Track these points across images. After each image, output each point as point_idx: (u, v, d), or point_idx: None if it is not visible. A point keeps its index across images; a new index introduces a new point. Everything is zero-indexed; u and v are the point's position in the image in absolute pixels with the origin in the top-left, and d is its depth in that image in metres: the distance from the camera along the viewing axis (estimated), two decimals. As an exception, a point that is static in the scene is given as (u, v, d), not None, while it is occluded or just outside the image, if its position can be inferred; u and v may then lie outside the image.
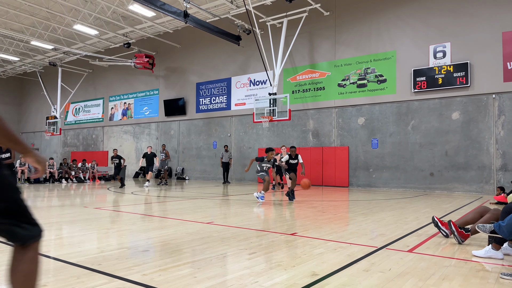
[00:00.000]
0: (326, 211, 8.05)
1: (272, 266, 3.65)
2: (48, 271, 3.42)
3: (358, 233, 5.48)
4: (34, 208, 8.14)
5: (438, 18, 14.47)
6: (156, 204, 9.45)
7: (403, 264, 3.78)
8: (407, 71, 15.00)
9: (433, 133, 14.37)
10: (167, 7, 15.03)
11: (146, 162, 15.68)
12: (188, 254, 4.13)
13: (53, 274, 3.32)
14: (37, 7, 18.45)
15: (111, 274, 3.32)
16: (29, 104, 33.40)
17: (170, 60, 23.21)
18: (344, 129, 16.52)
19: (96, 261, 3.76)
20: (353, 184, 16.11)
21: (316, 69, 17.36)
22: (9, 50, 25.46)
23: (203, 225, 6.06)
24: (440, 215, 7.48)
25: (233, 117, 20.15)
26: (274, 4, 17.22)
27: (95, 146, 27.49)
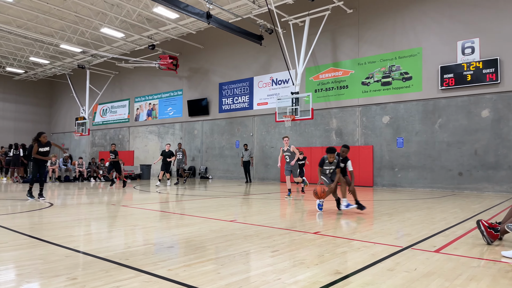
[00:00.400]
0: (350, 211, 7.96)
1: (295, 264, 3.66)
2: (77, 265, 3.55)
3: (382, 232, 5.40)
4: (64, 206, 8.45)
5: (466, 13, 14.03)
6: (180, 202, 9.61)
7: (429, 264, 3.71)
8: (433, 68, 14.63)
9: (462, 131, 13.95)
10: (190, 9, 15.23)
11: (163, 160, 15.60)
12: (212, 251, 4.20)
13: (83, 268, 3.45)
14: (65, 11, 19.08)
15: (138, 268, 3.42)
16: (59, 106, 34.61)
17: (193, 61, 23.51)
18: (368, 128, 16.27)
19: (124, 256, 3.87)
20: (378, 183, 15.85)
21: (339, 67, 17.18)
22: (39, 53, 26.45)
23: (226, 223, 6.13)
24: (469, 216, 7.27)
25: (255, 116, 20.21)
26: (296, 3, 17.15)
27: (122, 146, 28.17)
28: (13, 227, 5.51)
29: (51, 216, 6.79)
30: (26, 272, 3.31)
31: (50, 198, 10.04)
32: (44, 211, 7.47)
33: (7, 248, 4.23)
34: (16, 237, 4.83)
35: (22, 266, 3.50)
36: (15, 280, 3.14)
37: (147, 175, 21.63)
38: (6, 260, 3.75)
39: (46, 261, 3.65)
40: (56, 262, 3.61)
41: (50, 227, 5.68)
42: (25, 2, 18.55)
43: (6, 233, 5.05)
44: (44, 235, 4.94)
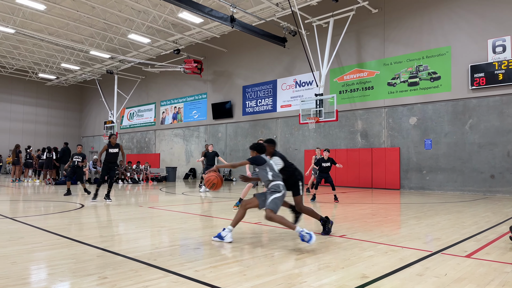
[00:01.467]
0: (376, 214, 7.83)
1: (320, 267, 3.64)
2: (108, 264, 3.67)
3: (410, 236, 5.29)
4: (94, 207, 8.72)
5: (496, 10, 13.54)
6: (206, 204, 9.72)
7: (460, 269, 3.61)
8: (463, 67, 14.19)
9: (494, 132, 13.45)
10: (214, 13, 15.42)
11: (207, 162, 13.74)
12: (237, 252, 4.23)
13: (113, 267, 3.55)
14: (95, 18, 19.72)
15: (166, 269, 3.49)
16: (89, 110, 35.76)
17: (217, 64, 23.76)
18: (394, 129, 15.95)
19: (152, 256, 3.97)
20: (405, 186, 15.49)
21: (364, 68, 16.94)
22: (70, 60, 27.43)
23: (251, 225, 6.16)
24: (501, 220, 7.00)
25: (279, 119, 20.20)
26: (320, 4, 17.05)
27: (148, 149, 28.77)
28: (47, 227, 5.73)
29: (82, 217, 7.02)
30: (59, 271, 3.44)
31: (81, 200, 10.37)
32: (76, 212, 7.73)
33: (41, 248, 4.41)
34: (49, 237, 5.02)
35: (55, 266, 3.64)
36: (48, 279, 3.27)
37: (173, 177, 21.98)
38: (41, 259, 3.91)
39: (78, 261, 3.78)
40: (87, 262, 3.74)
41: (81, 227, 5.88)
42: (56, 11, 19.29)
43: (40, 234, 5.27)
44: (76, 235, 5.12)
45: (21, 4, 17.87)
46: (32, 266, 3.65)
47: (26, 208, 8.43)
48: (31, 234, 5.23)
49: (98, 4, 18.03)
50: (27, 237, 4.97)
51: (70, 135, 35.26)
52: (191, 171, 24.59)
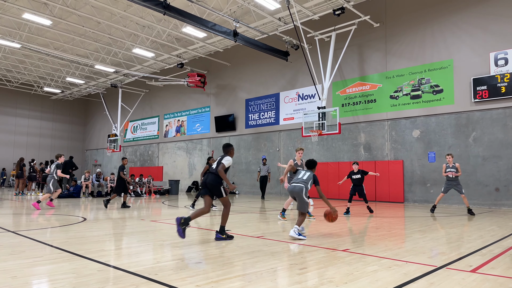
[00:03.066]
0: (380, 228, 7.75)
1: (323, 282, 3.59)
2: (109, 279, 3.63)
3: (415, 251, 5.22)
4: (96, 220, 8.69)
5: (498, 24, 13.63)
6: (208, 218, 9.67)
7: (465, 284, 3.55)
8: (466, 80, 14.21)
9: (498, 145, 13.38)
10: (217, 28, 15.61)
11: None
12: (239, 267, 4.19)
13: (114, 282, 3.52)
14: (100, 33, 20.02)
15: (167, 284, 3.46)
16: (93, 124, 35.99)
17: (220, 78, 23.94)
18: (397, 142, 15.91)
19: (153, 271, 3.93)
20: (409, 199, 15.36)
21: (366, 81, 17.00)
22: (75, 74, 27.75)
23: (253, 239, 6.11)
24: (507, 234, 6.91)
25: (282, 131, 20.22)
26: (322, 18, 17.23)
27: (151, 162, 28.81)
28: (48, 241, 5.71)
29: (84, 231, 6.99)
30: (60, 285, 3.41)
31: (83, 213, 10.35)
32: (77, 225, 7.71)
33: (42, 262, 4.39)
34: (51, 251, 5.00)
35: (56, 280, 3.61)
36: (50, 293, 3.24)
37: (176, 190, 21.94)
38: (41, 273, 3.89)
39: (79, 275, 3.76)
40: (88, 276, 3.71)
41: (83, 241, 5.85)
42: (62, 26, 19.61)
43: (42, 247, 5.24)
44: (77, 249, 5.09)
45: (27, 20, 18.19)
46: (32, 281, 3.62)
47: (28, 222, 8.42)
48: (32, 248, 5.21)
49: (104, 19, 18.33)
50: (28, 251, 4.95)
51: (74, 148, 35.43)
52: (193, 184, 24.55)
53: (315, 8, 16.60)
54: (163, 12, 13.65)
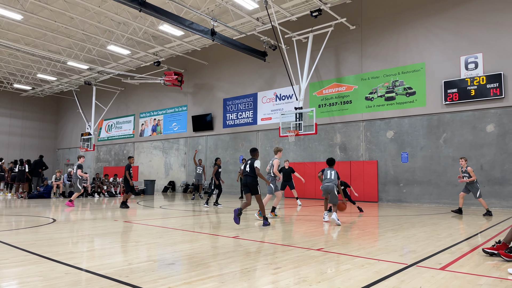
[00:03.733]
0: (354, 227, 7.87)
1: (297, 282, 3.59)
2: (77, 282, 3.52)
3: (387, 249, 5.32)
4: (67, 221, 8.44)
5: (469, 28, 14.11)
6: (183, 218, 9.56)
7: (435, 282, 3.63)
8: (437, 83, 14.64)
9: (467, 146, 13.85)
10: (195, 26, 15.47)
11: (283, 179, 12.66)
12: (214, 268, 4.14)
13: (82, 285, 3.41)
14: (73, 29, 19.45)
15: (138, 286, 3.38)
16: (65, 122, 34.95)
17: (198, 77, 23.74)
18: (372, 142, 16.22)
19: (124, 273, 3.83)
20: (383, 199, 15.69)
21: (342, 83, 17.25)
22: (47, 70, 26.87)
23: (228, 239, 6.07)
24: (475, 232, 7.15)
25: (259, 131, 20.25)
26: (300, 19, 17.36)
27: (126, 162, 28.25)
28: (15, 243, 5.49)
29: (53, 232, 6.77)
30: (25, 289, 3.28)
31: (54, 214, 10.03)
32: (46, 227, 7.45)
33: (8, 264, 4.21)
34: (17, 253, 4.81)
35: (22, 283, 3.47)
36: (13, 297, 3.11)
37: (151, 190, 21.60)
38: (7, 277, 3.72)
39: (46, 278, 3.62)
40: (55, 279, 3.58)
41: (51, 243, 5.65)
42: (34, 21, 18.95)
43: (8, 250, 5.03)
44: (45, 251, 4.92)
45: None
46: (-5, 285, 3.46)
47: (-6, 223, 8.08)
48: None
49: (77, 15, 17.82)
50: (-8, 254, 4.74)
51: (45, 147, 34.31)
52: (170, 184, 24.26)
53: (292, 9, 16.70)
54: (139, 8, 13.41)
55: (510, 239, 4.68)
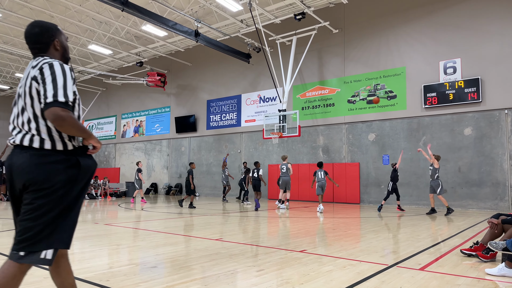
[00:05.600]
0: (336, 228, 7.96)
1: (280, 283, 3.61)
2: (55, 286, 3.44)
3: (368, 250, 5.40)
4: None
5: (448, 34, 14.48)
6: (166, 220, 9.47)
7: (414, 282, 3.71)
8: (417, 87, 14.96)
9: (445, 149, 14.19)
10: (178, 27, 15.38)
11: None
12: (197, 270, 4.12)
13: (62, 289, 3.33)
14: (53, 28, 19.05)
15: (119, 290, 3.33)
16: (44, 122, 34.11)
17: (181, 78, 23.58)
18: (354, 145, 16.43)
19: (104, 277, 3.77)
20: (365, 200, 15.91)
21: (325, 86, 17.44)
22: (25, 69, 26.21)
23: (211, 241, 6.05)
24: (454, 233, 7.33)
25: (243, 133, 20.25)
26: (284, 22, 17.48)
27: (107, 163, 27.80)
28: (-9, 247, 5.33)
29: (31, 236, 6.59)
30: (2, 294, 3.19)
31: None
32: (24, 230, 7.25)
33: (-17, 269, 4.08)
34: (-7, 257, 4.67)
35: (-3, 289, 3.37)
36: (-11, 303, 3.02)
37: (133, 192, 21.28)
38: (-19, 282, 3.61)
39: (24, 283, 3.52)
40: (33, 284, 3.50)
41: (29, 247, 5.50)
42: (12, 19, 18.48)
43: (-17, 254, 4.89)
44: (23, 255, 4.78)
45: (-28, 10, 16.97)
46: (-31, 291, 3.35)
47: (-31, 227, 7.82)
48: (-29, 255, 4.83)
49: (57, 13, 17.47)
50: (-34, 259, 4.59)
51: (23, 148, 33.41)
52: (152, 186, 23.98)
53: (276, 11, 16.80)
54: (121, 8, 13.25)
55: (487, 240, 4.81)
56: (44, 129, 2.13)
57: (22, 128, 2.14)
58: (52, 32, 2.32)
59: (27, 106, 2.14)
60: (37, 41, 2.27)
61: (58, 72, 2.12)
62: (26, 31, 2.29)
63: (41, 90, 2.09)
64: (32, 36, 2.27)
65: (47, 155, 2.12)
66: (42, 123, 2.12)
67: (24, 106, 2.15)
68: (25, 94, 2.15)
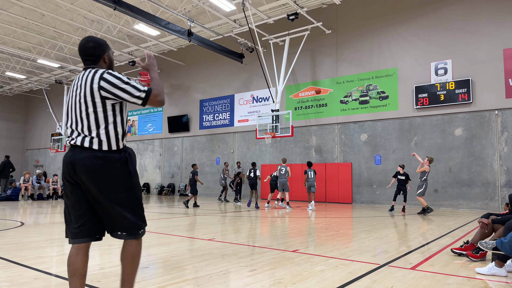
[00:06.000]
0: (329, 228, 7.99)
1: (272, 283, 3.62)
2: (46, 287, 3.41)
3: (360, 250, 5.43)
4: (36, 225, 8.16)
5: (439, 35, 14.62)
6: (158, 220, 9.42)
7: (406, 281, 3.74)
8: (409, 87, 15.08)
9: (436, 149, 14.32)
10: (171, 26, 15.31)
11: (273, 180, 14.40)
12: (189, 271, 4.11)
13: (53, 290, 3.31)
14: (44, 26, 18.85)
15: (111, 290, 3.31)
16: (34, 122, 33.74)
17: (174, 77, 23.49)
18: (347, 145, 16.51)
19: (96, 278, 3.75)
20: (357, 200, 15.99)
21: (318, 86, 17.49)
22: (16, 68, 25.90)
23: (204, 241, 6.04)
24: (444, 232, 7.40)
25: (236, 133, 20.23)
26: (277, 22, 17.49)
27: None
28: (-20, 248, 5.26)
29: (21, 236, 6.53)
30: (-9, 296, 3.15)
31: (22, 217, 9.67)
32: (14, 230, 7.18)
33: (-29, 270, 4.03)
34: (-18, 258, 4.60)
35: (-14, 290, 3.33)
36: (-22, 305, 2.98)
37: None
38: (-30, 283, 3.56)
39: (14, 284, 3.49)
40: (24, 285, 3.46)
41: (20, 247, 5.45)
42: (3, 17, 18.24)
43: (-28, 255, 4.82)
44: (13, 256, 4.74)
45: (-39, 7, 16.72)
46: (-42, 292, 3.31)
47: (-43, 227, 7.71)
48: (-40, 256, 4.76)
49: (48, 11, 17.28)
50: (-45, 260, 4.52)
51: (13, 148, 33.01)
52: (144, 186, 23.85)
53: (269, 12, 16.81)
54: (113, 7, 13.14)
55: (477, 240, 4.87)
56: (103, 131, 2.47)
57: (82, 132, 2.47)
58: (103, 47, 2.67)
59: (89, 112, 2.46)
60: (90, 54, 2.62)
61: (119, 75, 2.52)
62: (81, 45, 2.63)
63: (119, 93, 2.48)
64: (86, 50, 2.62)
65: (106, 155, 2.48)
66: (102, 128, 2.47)
67: (87, 113, 2.46)
68: (87, 102, 2.46)
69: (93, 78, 2.47)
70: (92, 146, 2.45)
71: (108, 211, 2.50)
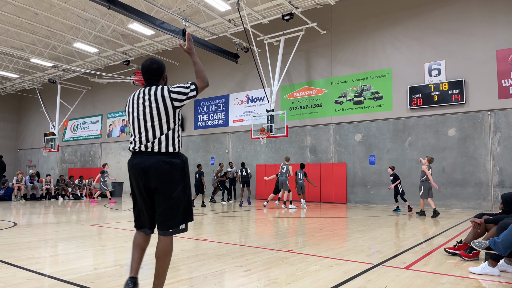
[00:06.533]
0: (323, 228, 8.01)
1: (267, 283, 3.62)
2: (40, 288, 3.38)
3: (354, 249, 5.45)
4: (29, 225, 8.09)
5: (433, 37, 14.73)
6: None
7: (400, 281, 3.76)
8: (403, 88, 15.17)
9: (430, 149, 14.42)
10: (166, 26, 15.26)
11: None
12: (184, 271, 4.10)
13: (46, 291, 3.28)
14: (37, 25, 18.71)
15: (104, 291, 3.29)
16: (28, 121, 33.47)
17: (168, 77, 23.16)
18: (341, 145, 16.57)
19: (89, 278, 3.72)
20: (351, 200, 16.05)
21: (313, 86, 17.54)
22: (8, 67, 25.67)
23: (199, 242, 6.02)
24: (438, 232, 7.45)
25: (231, 133, 20.22)
26: (272, 23, 17.51)
27: (93, 163, 27.42)
28: (-28, 249, 5.21)
29: (14, 237, 6.47)
30: (-17, 297, 3.12)
31: (15, 218, 9.59)
32: (7, 231, 7.11)
33: (-37, 271, 3.98)
34: (-26, 259, 4.55)
35: (-22, 291, 3.29)
36: (-31, 306, 2.95)
37: (119, 192, 21.06)
38: (-39, 285, 3.52)
39: (7, 284, 3.46)
40: (17, 286, 3.43)
41: (12, 248, 5.40)
42: (-5, 15, 18.08)
43: (-37, 256, 4.76)
44: (6, 256, 4.69)
45: (-48, 5, 16.53)
46: (-51, 294, 3.27)
47: (-51, 228, 7.62)
48: (-49, 257, 4.71)
49: (42, 10, 17.15)
50: None
51: (6, 147, 32.71)
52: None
53: (264, 12, 16.83)
54: (107, 6, 13.07)
55: (470, 239, 4.91)
56: (170, 137, 2.97)
57: (151, 139, 2.96)
58: (164, 68, 3.15)
59: (162, 122, 2.95)
60: (154, 74, 3.10)
61: (178, 86, 3.03)
62: (146, 66, 3.08)
63: (185, 100, 3.04)
64: (151, 70, 3.09)
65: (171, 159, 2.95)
66: (170, 133, 2.96)
67: (159, 122, 2.94)
68: (160, 113, 2.94)
69: (162, 93, 2.94)
70: (160, 151, 2.91)
71: (166, 208, 2.91)
